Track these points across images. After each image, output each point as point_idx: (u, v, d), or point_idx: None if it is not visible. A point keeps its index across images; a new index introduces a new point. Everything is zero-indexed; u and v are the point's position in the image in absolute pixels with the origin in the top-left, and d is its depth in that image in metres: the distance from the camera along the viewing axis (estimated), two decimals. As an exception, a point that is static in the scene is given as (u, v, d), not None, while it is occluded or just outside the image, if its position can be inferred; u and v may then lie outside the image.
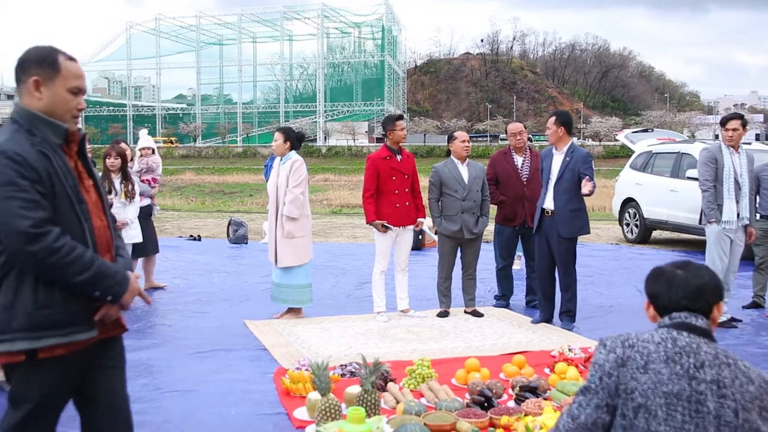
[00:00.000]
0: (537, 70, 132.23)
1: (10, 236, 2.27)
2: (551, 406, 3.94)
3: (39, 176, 2.32)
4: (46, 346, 2.36)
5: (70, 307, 2.39)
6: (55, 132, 2.44)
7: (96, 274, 2.38)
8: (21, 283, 2.35)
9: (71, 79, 2.47)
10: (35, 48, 2.50)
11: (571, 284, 6.39)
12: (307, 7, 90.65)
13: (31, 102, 2.44)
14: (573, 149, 6.33)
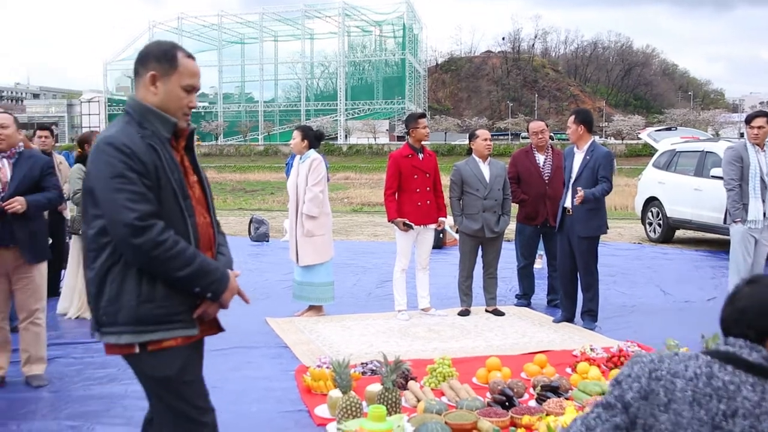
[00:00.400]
0: (559, 68, 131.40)
1: (116, 228, 2.29)
2: (573, 406, 3.92)
3: (146, 169, 2.33)
4: (152, 340, 2.38)
5: (171, 303, 2.39)
6: (165, 126, 2.45)
7: (197, 269, 2.38)
8: (126, 276, 2.35)
9: (187, 76, 2.49)
10: (156, 43, 2.54)
11: (593, 284, 6.34)
12: (329, 6, 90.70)
13: (146, 96, 2.46)
14: (593, 148, 6.28)
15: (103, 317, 2.38)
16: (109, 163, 2.30)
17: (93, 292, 2.40)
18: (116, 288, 2.35)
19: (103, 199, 2.32)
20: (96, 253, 2.39)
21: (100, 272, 2.37)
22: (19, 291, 4.68)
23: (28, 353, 4.75)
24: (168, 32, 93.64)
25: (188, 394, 2.49)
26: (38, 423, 4.04)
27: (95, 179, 2.35)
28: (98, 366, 5.17)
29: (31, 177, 4.64)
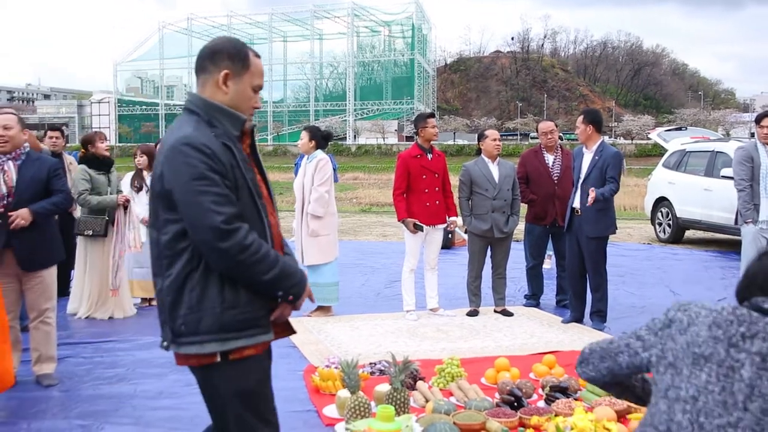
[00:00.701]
0: (568, 68, 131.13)
1: (202, 232, 2.19)
2: (582, 407, 3.91)
3: (225, 169, 2.25)
4: (235, 348, 2.28)
5: (254, 308, 2.30)
6: (234, 124, 2.38)
7: (281, 272, 2.30)
8: (207, 283, 2.25)
9: (257, 76, 2.43)
10: (227, 40, 2.45)
11: (602, 284, 6.32)
12: (338, 6, 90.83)
13: (214, 94, 2.37)
14: (602, 148, 6.26)
15: (182, 327, 2.25)
16: (190, 164, 2.20)
17: (169, 301, 2.28)
18: (197, 295, 2.24)
19: (184, 203, 2.21)
20: (170, 260, 2.27)
21: (177, 280, 2.26)
22: (29, 291, 4.70)
23: (38, 352, 4.77)
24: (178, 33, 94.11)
25: (262, 407, 2.39)
26: (48, 422, 4.06)
27: (174, 182, 2.22)
28: (107, 366, 5.20)
29: (38, 179, 4.60)
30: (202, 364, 2.30)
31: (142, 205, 7.13)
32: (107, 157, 6.85)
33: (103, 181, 6.67)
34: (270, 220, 2.41)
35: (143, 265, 7.18)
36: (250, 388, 2.33)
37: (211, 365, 2.28)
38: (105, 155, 6.81)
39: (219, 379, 2.31)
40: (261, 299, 2.32)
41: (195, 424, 4.03)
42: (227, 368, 2.29)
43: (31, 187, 4.57)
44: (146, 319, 6.76)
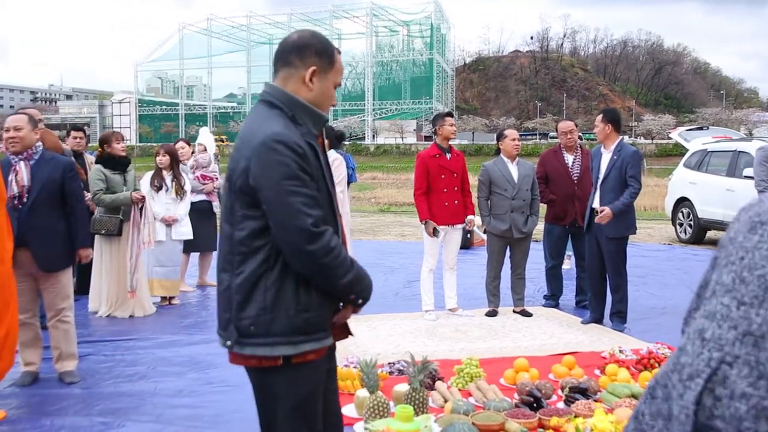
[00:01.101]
0: (588, 68, 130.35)
1: (291, 234, 2.12)
2: (602, 408, 3.88)
3: (312, 170, 2.19)
4: (299, 352, 2.22)
5: (323, 312, 2.26)
6: (315, 123, 2.32)
7: (356, 276, 2.27)
8: (282, 284, 2.18)
9: (339, 74, 2.39)
10: (313, 35, 2.36)
11: (621, 285, 6.28)
12: (356, 6, 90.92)
13: (298, 90, 2.29)
14: (621, 147, 6.22)
15: (251, 327, 2.18)
16: (283, 163, 2.12)
17: (238, 300, 2.20)
18: (272, 296, 2.17)
19: (273, 202, 2.13)
20: (243, 257, 2.20)
21: (250, 278, 2.18)
22: (46, 291, 4.76)
23: (59, 350, 4.83)
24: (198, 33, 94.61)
25: (312, 416, 2.33)
26: (70, 419, 4.10)
27: (263, 179, 2.14)
28: (128, 364, 5.24)
29: (53, 180, 4.63)
30: (263, 366, 2.24)
31: (162, 204, 7.18)
32: (123, 157, 6.89)
33: (118, 181, 6.71)
34: (340, 221, 2.39)
35: (164, 264, 7.24)
36: (304, 393, 2.28)
37: (271, 368, 2.23)
38: (121, 155, 6.85)
39: (277, 381, 2.26)
40: (330, 302, 2.30)
41: (214, 422, 4.06)
42: (288, 371, 2.24)
43: (46, 188, 4.60)
44: (166, 318, 6.82)
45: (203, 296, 7.91)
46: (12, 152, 4.60)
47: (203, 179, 8.17)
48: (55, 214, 4.66)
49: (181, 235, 7.35)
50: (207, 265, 8.39)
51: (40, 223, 4.57)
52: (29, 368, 4.78)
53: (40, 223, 4.57)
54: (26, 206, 4.54)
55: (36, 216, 4.56)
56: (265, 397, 2.32)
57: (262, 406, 2.35)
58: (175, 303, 7.39)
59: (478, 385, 4.36)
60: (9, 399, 4.44)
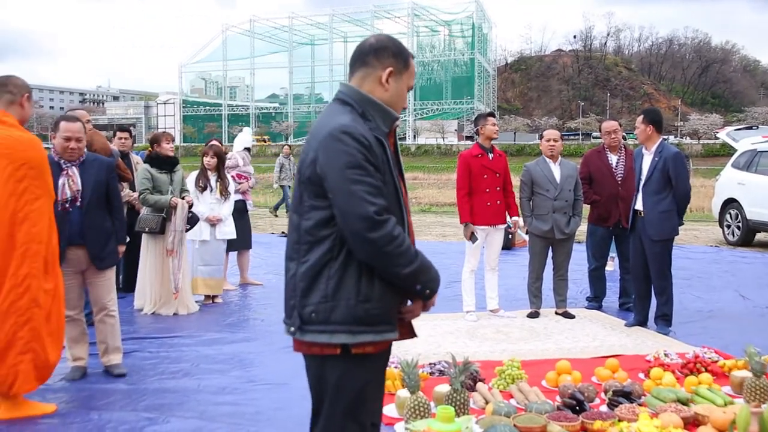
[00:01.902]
0: (632, 67, 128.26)
1: (354, 221, 2.18)
2: (647, 413, 3.82)
3: (378, 163, 2.26)
4: (361, 343, 2.27)
5: (385, 304, 2.29)
6: (386, 120, 2.39)
7: (420, 266, 2.29)
8: (345, 273, 2.25)
9: (412, 77, 2.48)
10: (389, 38, 2.46)
11: (667, 287, 6.17)
12: (398, 6, 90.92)
13: (374, 89, 2.39)
14: (662, 148, 6.11)
15: (313, 314, 2.26)
16: (347, 152, 2.20)
17: (302, 287, 2.29)
18: (334, 284, 2.24)
19: (337, 190, 2.20)
20: (310, 246, 2.28)
21: (315, 267, 2.27)
22: (95, 287, 4.89)
23: (105, 344, 4.96)
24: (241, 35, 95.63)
25: (370, 406, 2.39)
26: (117, 413, 4.18)
27: (328, 168, 2.22)
28: (173, 361, 5.33)
29: (100, 181, 4.80)
30: (325, 353, 2.30)
31: (206, 204, 7.28)
32: (171, 157, 7.00)
33: (164, 180, 6.83)
34: (408, 217, 2.43)
35: (208, 263, 7.34)
36: (359, 385, 2.32)
37: (330, 356, 2.29)
38: (169, 155, 6.96)
39: (334, 371, 2.32)
40: (393, 295, 2.32)
41: (256, 420, 4.11)
42: (345, 362, 2.29)
43: (96, 189, 4.77)
44: (209, 316, 6.91)
45: (245, 295, 7.99)
46: (70, 160, 4.75)
47: (238, 178, 8.24)
48: (103, 213, 4.84)
49: (224, 235, 7.44)
50: (246, 264, 8.48)
51: (94, 224, 4.74)
52: (78, 363, 4.91)
53: (94, 223, 4.74)
54: (80, 207, 4.69)
55: (89, 217, 4.73)
56: (321, 386, 2.36)
57: (316, 395, 2.40)
58: (218, 301, 7.48)
59: (519, 387, 4.33)
60: (59, 393, 4.55)
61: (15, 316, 3.97)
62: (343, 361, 2.29)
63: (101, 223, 4.79)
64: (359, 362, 2.30)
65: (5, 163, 3.92)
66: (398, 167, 2.46)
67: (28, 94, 4.19)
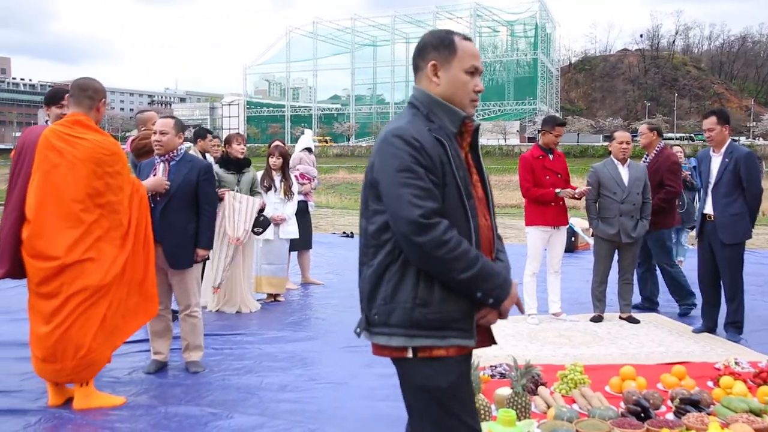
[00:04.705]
0: (701, 66, 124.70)
1: (399, 224, 2.18)
2: (717, 423, 3.70)
3: (433, 164, 2.22)
4: (422, 346, 2.25)
5: (447, 309, 2.24)
6: (452, 120, 2.35)
7: (480, 272, 2.21)
8: (403, 276, 2.24)
9: (467, 58, 2.37)
10: (431, 33, 2.45)
11: (738, 293, 5.97)
12: (460, 7, 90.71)
13: (429, 87, 2.38)
14: (731, 149, 5.92)
15: (375, 317, 2.29)
16: (397, 155, 2.21)
17: (367, 290, 2.32)
18: (392, 287, 2.25)
19: (387, 194, 2.22)
20: (375, 249, 2.30)
21: (378, 270, 2.28)
22: (174, 286, 5.04)
23: (186, 341, 5.10)
24: (304, 37, 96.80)
25: (457, 408, 2.32)
26: (183, 408, 4.27)
27: (380, 172, 2.25)
28: (236, 358, 5.42)
29: (188, 182, 4.87)
30: (394, 356, 2.31)
31: (270, 204, 7.37)
32: (239, 159, 7.10)
33: (231, 180, 6.95)
34: (479, 221, 2.35)
35: (272, 262, 7.44)
36: (438, 386, 2.28)
37: (404, 359, 2.29)
38: (237, 156, 7.08)
39: (407, 374, 2.32)
40: (457, 301, 2.25)
41: (316, 418, 4.14)
42: (416, 364, 2.28)
43: (182, 188, 4.85)
44: (271, 314, 7.01)
45: (306, 294, 8.07)
46: (156, 153, 4.92)
47: (302, 179, 8.32)
48: (187, 215, 4.89)
49: (287, 234, 7.53)
50: (307, 263, 8.57)
51: (173, 222, 4.82)
52: (157, 357, 5.07)
53: (173, 222, 4.82)
54: (161, 205, 4.80)
55: (170, 215, 4.82)
56: (403, 387, 2.38)
57: (406, 397, 2.40)
58: (280, 300, 7.58)
59: (582, 392, 4.26)
60: (128, 386, 4.69)
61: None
62: (414, 363, 2.28)
63: (182, 224, 4.86)
64: (432, 364, 2.27)
65: (94, 166, 4.10)
66: (478, 168, 2.45)
67: (104, 99, 4.38)
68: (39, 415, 4.12)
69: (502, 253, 2.53)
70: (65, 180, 4.05)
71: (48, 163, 4.07)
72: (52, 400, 4.27)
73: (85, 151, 4.10)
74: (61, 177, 4.06)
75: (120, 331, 4.30)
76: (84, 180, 4.07)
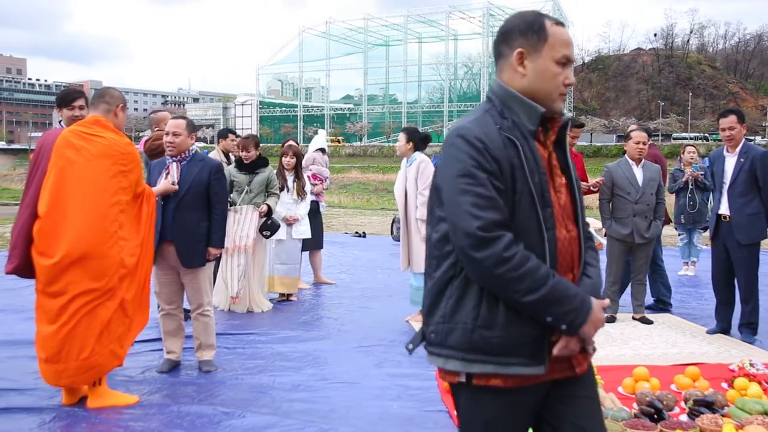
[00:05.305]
0: (716, 65, 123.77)
1: (457, 236, 1.93)
2: (731, 424, 3.68)
3: (500, 168, 1.93)
4: (480, 373, 1.97)
5: (511, 333, 1.94)
6: (530, 116, 2.03)
7: (549, 294, 1.89)
8: (465, 293, 1.98)
9: (559, 46, 2.04)
10: (518, 15, 2.11)
11: (753, 294, 5.93)
12: (472, 6, 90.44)
13: (512, 79, 2.06)
14: (746, 149, 5.89)
15: (432, 335, 2.04)
16: (458, 158, 1.95)
17: (427, 304, 2.08)
18: (453, 304, 1.99)
19: (447, 201, 1.97)
20: (438, 261, 2.05)
21: (439, 284, 2.03)
22: (186, 285, 5.06)
23: (199, 341, 5.13)
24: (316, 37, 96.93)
25: None
26: (195, 407, 4.29)
27: (441, 177, 2.01)
28: (248, 357, 5.43)
29: (200, 181, 4.90)
30: (447, 380, 2.07)
31: (283, 204, 7.38)
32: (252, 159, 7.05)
33: (243, 180, 6.97)
34: (557, 233, 2.02)
35: (285, 262, 7.46)
36: (480, 420, 2.03)
37: (457, 384, 2.05)
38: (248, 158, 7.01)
39: (459, 399, 2.08)
40: (525, 324, 1.95)
41: (329, 418, 4.15)
42: (468, 391, 2.03)
43: (193, 187, 4.88)
44: (283, 314, 7.02)
45: (318, 294, 8.09)
46: (168, 154, 4.95)
47: (314, 179, 8.33)
48: (198, 215, 4.92)
49: (300, 234, 7.54)
50: (319, 263, 8.58)
51: (185, 221, 4.85)
52: (170, 356, 5.10)
53: (185, 221, 4.85)
54: (173, 204, 4.83)
55: (181, 214, 4.85)
56: (456, 411, 2.13)
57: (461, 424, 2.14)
58: (293, 300, 7.60)
59: (595, 393, 4.24)
60: (141, 385, 4.71)
61: None
62: (468, 390, 2.02)
63: (194, 223, 4.88)
64: (481, 394, 2.01)
65: (109, 163, 4.15)
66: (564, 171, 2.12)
67: (122, 105, 4.46)
68: (53, 413, 4.15)
69: (593, 268, 2.16)
70: (82, 176, 4.09)
71: (64, 160, 4.12)
72: (66, 399, 4.30)
73: (102, 148, 4.15)
74: (78, 173, 4.10)
75: (124, 339, 4.31)
76: (100, 176, 4.12)
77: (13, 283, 6.82)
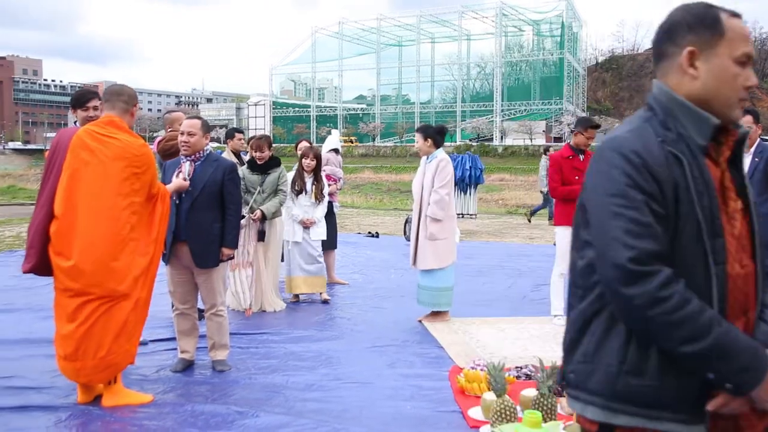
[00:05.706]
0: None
1: (605, 267, 1.64)
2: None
3: (660, 189, 1.63)
4: (625, 426, 1.68)
5: (665, 383, 1.63)
6: (699, 128, 1.71)
7: (713, 346, 1.56)
8: (610, 331, 1.70)
9: (738, 42, 1.72)
10: (683, 7, 1.77)
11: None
12: (485, 6, 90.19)
13: (680, 83, 1.74)
14: (761, 149, 5.84)
15: (571, 374, 1.79)
16: (610, 175, 1.65)
17: (568, 339, 1.82)
18: (595, 342, 1.72)
19: (594, 224, 1.69)
20: (583, 291, 1.78)
21: (582, 316, 1.77)
22: (200, 285, 5.07)
23: (212, 340, 5.15)
24: (329, 37, 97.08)
25: None
26: (209, 406, 4.31)
27: (590, 194, 1.73)
28: (261, 357, 5.45)
29: (213, 181, 4.91)
30: (581, 426, 1.82)
31: (301, 207, 7.39)
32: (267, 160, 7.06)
33: (254, 181, 6.97)
34: (728, 269, 1.68)
35: (309, 262, 7.46)
36: None
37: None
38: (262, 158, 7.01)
39: None
40: (681, 374, 1.63)
41: (342, 417, 4.15)
42: None
43: (207, 187, 4.88)
44: (296, 314, 7.04)
45: (331, 294, 8.08)
46: (183, 154, 4.97)
47: (328, 179, 8.32)
48: (212, 215, 4.93)
49: (317, 236, 7.53)
50: (333, 263, 8.59)
51: (199, 221, 4.87)
52: (184, 356, 5.13)
53: (199, 221, 4.87)
54: (187, 204, 4.85)
55: (195, 214, 4.86)
56: None
57: None
58: (325, 298, 7.56)
59: (609, 395, 4.21)
60: (156, 384, 4.74)
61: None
62: None
63: (208, 223, 4.89)
64: None
65: (123, 165, 4.17)
66: (741, 194, 1.80)
67: (137, 104, 4.53)
68: (69, 412, 4.18)
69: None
70: (95, 178, 4.12)
71: (79, 161, 4.14)
72: (81, 397, 4.33)
73: (116, 150, 4.17)
74: (92, 175, 4.12)
75: (136, 337, 4.35)
76: (114, 178, 4.14)
77: (31, 282, 6.87)
